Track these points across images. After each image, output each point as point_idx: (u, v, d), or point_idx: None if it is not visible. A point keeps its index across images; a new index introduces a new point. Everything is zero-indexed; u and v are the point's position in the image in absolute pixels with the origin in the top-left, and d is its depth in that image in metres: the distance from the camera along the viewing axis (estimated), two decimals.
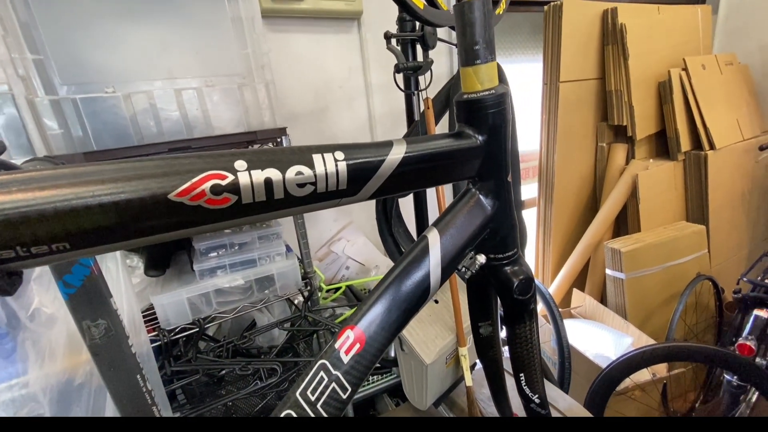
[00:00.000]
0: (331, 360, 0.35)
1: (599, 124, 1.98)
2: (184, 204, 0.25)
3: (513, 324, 0.47)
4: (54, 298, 0.68)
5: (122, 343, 0.54)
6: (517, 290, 0.45)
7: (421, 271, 0.38)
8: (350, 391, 0.35)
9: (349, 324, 0.36)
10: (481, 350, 0.59)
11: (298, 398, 0.34)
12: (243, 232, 0.89)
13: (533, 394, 0.51)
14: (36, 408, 0.72)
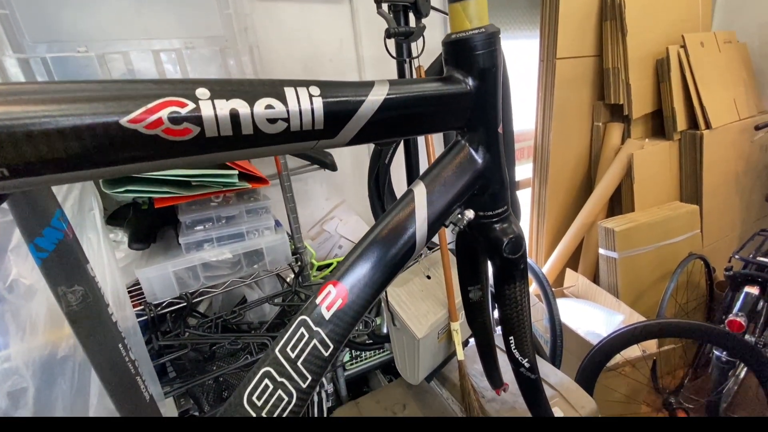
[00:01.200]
0: (312, 316, 0.33)
1: (595, 103, 1.95)
2: (139, 132, 0.23)
3: (502, 284, 0.46)
4: (32, 269, 0.66)
5: (101, 311, 0.52)
6: (507, 249, 0.43)
7: (406, 227, 0.36)
8: (332, 348, 0.34)
9: (330, 279, 0.34)
10: (471, 316, 0.58)
11: (277, 355, 0.33)
12: (230, 206, 0.87)
13: (523, 358, 0.51)
14: (19, 381, 0.71)
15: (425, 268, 1.07)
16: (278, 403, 0.33)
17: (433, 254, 1.11)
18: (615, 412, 1.50)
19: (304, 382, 0.33)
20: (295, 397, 0.33)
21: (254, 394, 0.32)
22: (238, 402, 0.33)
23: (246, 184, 0.81)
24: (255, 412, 0.32)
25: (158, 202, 0.73)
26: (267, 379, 0.33)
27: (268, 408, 0.33)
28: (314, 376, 0.33)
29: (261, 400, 0.32)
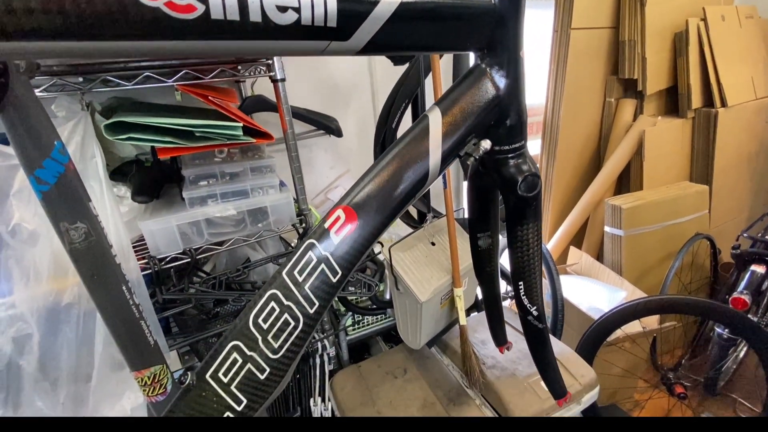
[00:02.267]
0: (320, 240, 0.32)
1: (608, 77, 1.90)
2: (140, 2, 0.21)
3: (515, 225, 0.45)
4: (35, 214, 0.66)
5: (105, 251, 0.52)
6: (523, 186, 0.42)
7: (420, 154, 0.35)
8: (340, 275, 0.33)
9: (340, 204, 0.33)
10: (479, 265, 0.57)
11: (285, 278, 0.32)
12: (234, 162, 0.86)
13: (531, 306, 0.50)
14: (24, 328, 0.71)
15: (430, 235, 1.07)
16: (284, 328, 0.32)
17: (438, 221, 1.10)
18: (613, 385, 1.51)
19: (311, 307, 0.32)
20: (302, 323, 0.32)
21: (260, 316, 0.32)
22: (244, 324, 0.32)
23: (250, 138, 0.79)
24: (261, 335, 0.32)
25: (161, 153, 0.72)
26: (273, 302, 0.32)
27: (274, 332, 0.32)
28: (322, 302, 0.33)
29: (267, 323, 0.32)
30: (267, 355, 0.32)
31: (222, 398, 0.32)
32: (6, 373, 0.70)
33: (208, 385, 0.31)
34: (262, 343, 0.32)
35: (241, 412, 0.32)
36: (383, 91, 1.49)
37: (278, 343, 0.32)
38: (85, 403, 0.75)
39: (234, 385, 0.32)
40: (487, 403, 1.04)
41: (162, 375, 0.62)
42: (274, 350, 0.32)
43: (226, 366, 0.31)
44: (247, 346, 0.32)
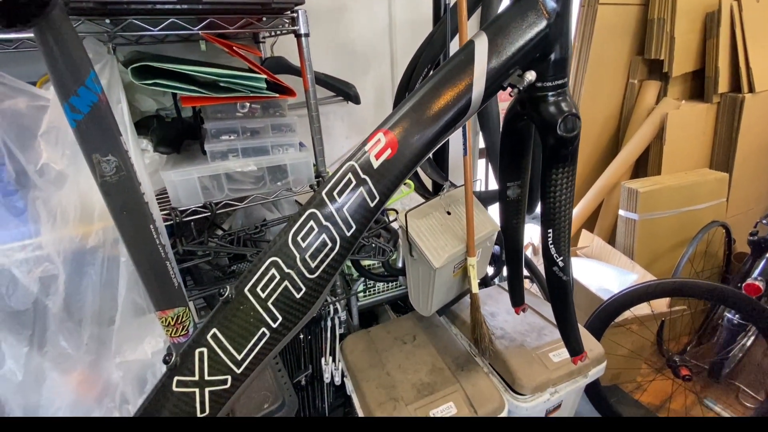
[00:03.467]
0: (360, 163, 0.32)
1: (633, 57, 1.85)
2: None
3: (551, 168, 0.44)
4: (62, 155, 0.66)
5: (134, 187, 0.52)
6: (562, 126, 0.41)
7: (463, 81, 0.34)
8: (378, 200, 0.33)
9: (381, 128, 0.33)
10: (505, 217, 0.57)
11: (324, 198, 0.32)
12: (256, 118, 0.85)
13: (558, 256, 0.50)
14: (50, 269, 0.73)
15: (446, 204, 1.06)
16: (321, 248, 0.32)
17: (454, 191, 1.09)
18: (617, 366, 1.52)
19: (348, 230, 0.33)
20: (338, 245, 0.33)
21: (299, 234, 0.32)
22: (284, 241, 0.32)
23: (273, 93, 0.79)
24: (299, 253, 0.32)
25: (185, 101, 0.72)
26: (313, 221, 0.32)
27: (312, 251, 0.32)
28: (358, 226, 0.33)
29: (305, 241, 0.32)
30: (304, 274, 0.32)
31: (259, 313, 0.32)
32: (32, 312, 0.73)
33: (246, 299, 0.32)
34: (300, 262, 0.32)
35: (275, 329, 0.33)
36: (403, 60, 1.46)
37: (315, 263, 0.32)
38: (108, 345, 0.77)
39: (271, 302, 0.32)
40: (494, 371, 1.06)
41: (184, 317, 0.64)
42: (311, 270, 0.32)
43: (264, 281, 0.32)
44: (285, 263, 0.32)
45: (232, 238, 0.90)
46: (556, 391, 1.02)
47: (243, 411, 0.67)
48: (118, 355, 0.76)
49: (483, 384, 0.99)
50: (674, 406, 1.60)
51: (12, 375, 0.72)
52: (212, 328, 0.32)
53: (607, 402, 1.44)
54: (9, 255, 0.69)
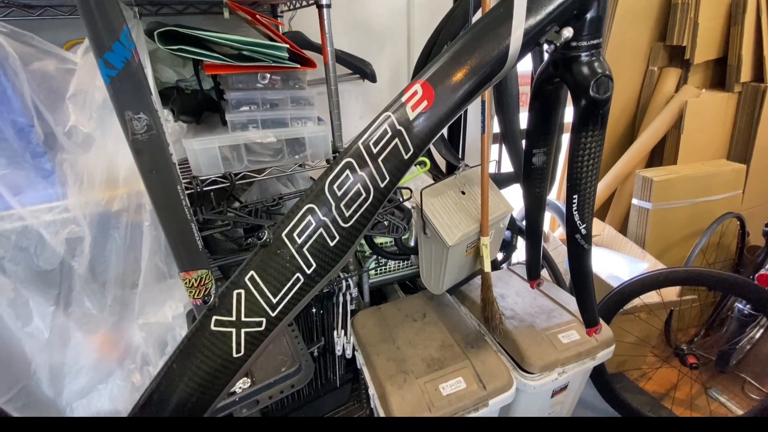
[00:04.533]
0: (396, 115, 0.33)
1: (654, 44, 1.81)
2: None
3: (581, 130, 0.44)
4: (90, 118, 0.68)
5: (163, 147, 0.53)
6: (595, 87, 0.41)
7: (500, 36, 0.34)
8: (412, 152, 0.33)
9: (418, 79, 0.33)
10: (529, 184, 0.57)
11: (360, 148, 0.33)
12: (276, 90, 0.86)
13: (581, 223, 0.50)
14: (77, 231, 0.75)
15: (461, 184, 1.06)
16: (356, 198, 0.33)
17: (469, 172, 1.09)
18: (623, 353, 1.53)
19: (382, 181, 0.33)
20: (372, 195, 0.33)
21: (335, 183, 0.33)
22: (320, 188, 0.33)
23: (294, 64, 0.79)
24: (334, 201, 0.33)
25: (208, 69, 0.72)
26: (348, 170, 0.33)
27: (346, 201, 0.33)
28: (392, 178, 0.33)
29: (341, 190, 0.33)
30: (338, 222, 0.33)
31: (295, 259, 0.33)
32: (59, 272, 0.75)
33: (284, 244, 0.33)
34: (335, 210, 0.33)
35: (309, 276, 0.34)
36: (420, 39, 1.45)
37: (349, 212, 0.33)
38: (130, 308, 0.79)
39: (306, 248, 0.33)
40: (503, 350, 1.07)
41: (207, 279, 0.65)
42: (345, 219, 0.33)
43: (300, 227, 0.33)
44: (321, 210, 0.33)
45: (250, 210, 0.91)
46: (564, 371, 1.03)
47: (261, 373, 0.69)
48: (140, 317, 0.78)
49: (492, 361, 1.01)
50: (679, 395, 1.61)
51: (39, 333, 0.75)
52: (250, 270, 0.33)
53: (612, 388, 1.46)
54: (37, 216, 0.71)
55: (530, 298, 1.21)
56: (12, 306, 0.71)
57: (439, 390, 0.93)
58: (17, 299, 0.72)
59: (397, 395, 0.92)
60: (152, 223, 0.76)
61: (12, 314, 0.71)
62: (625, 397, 1.47)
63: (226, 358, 0.34)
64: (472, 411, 0.93)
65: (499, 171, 1.64)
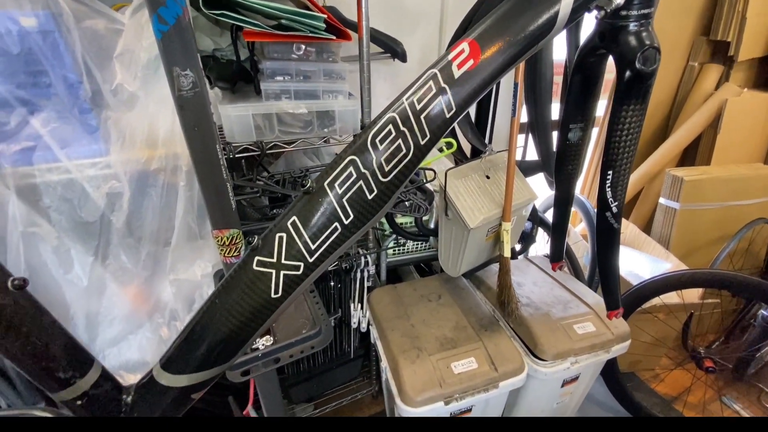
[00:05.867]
0: (442, 72, 0.33)
1: (697, 38, 1.74)
2: None
3: (622, 103, 0.44)
4: (135, 77, 0.70)
5: (206, 105, 0.55)
6: (641, 59, 0.41)
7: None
8: (454, 112, 0.34)
9: (466, 37, 0.34)
10: (561, 161, 0.57)
11: (404, 104, 0.34)
12: (309, 62, 0.87)
13: (613, 201, 0.50)
14: (117, 187, 0.78)
15: (486, 168, 1.06)
16: (396, 153, 0.34)
17: (495, 156, 1.09)
18: (638, 352, 1.52)
19: (423, 138, 0.34)
20: (411, 152, 0.35)
21: (378, 137, 0.34)
22: (363, 141, 0.34)
23: (330, 35, 0.80)
24: (376, 156, 0.34)
25: (247, 36, 0.74)
26: (391, 125, 0.34)
27: (387, 155, 0.34)
28: (432, 136, 0.34)
29: (382, 144, 0.34)
30: (378, 176, 0.34)
31: (334, 208, 0.35)
32: (99, 225, 0.79)
33: (325, 193, 0.34)
34: (375, 164, 0.34)
35: (346, 226, 0.36)
36: (453, 21, 1.44)
37: (388, 167, 0.34)
38: (162, 264, 0.83)
39: (345, 198, 0.34)
40: (517, 336, 1.08)
41: (238, 239, 0.68)
42: (384, 173, 0.34)
43: (342, 178, 0.34)
44: (363, 163, 0.34)
45: (277, 180, 0.93)
46: (576, 361, 1.03)
47: (283, 333, 0.72)
48: (171, 273, 0.82)
49: (505, 345, 1.02)
50: (691, 400, 1.59)
51: (78, 280, 0.79)
52: (292, 215, 0.35)
53: (622, 386, 1.45)
54: (81, 170, 0.75)
55: (547, 288, 1.21)
56: (56, 253, 0.76)
57: (451, 368, 0.95)
58: (60, 247, 0.76)
59: (410, 369, 0.94)
60: (187, 184, 0.79)
61: (55, 261, 0.76)
62: (636, 397, 1.46)
63: (264, 298, 0.36)
64: (482, 391, 0.94)
65: (524, 159, 1.62)
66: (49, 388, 0.36)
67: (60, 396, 0.36)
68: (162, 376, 0.39)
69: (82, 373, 0.37)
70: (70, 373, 0.36)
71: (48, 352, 0.34)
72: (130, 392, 0.41)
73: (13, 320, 0.32)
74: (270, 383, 0.83)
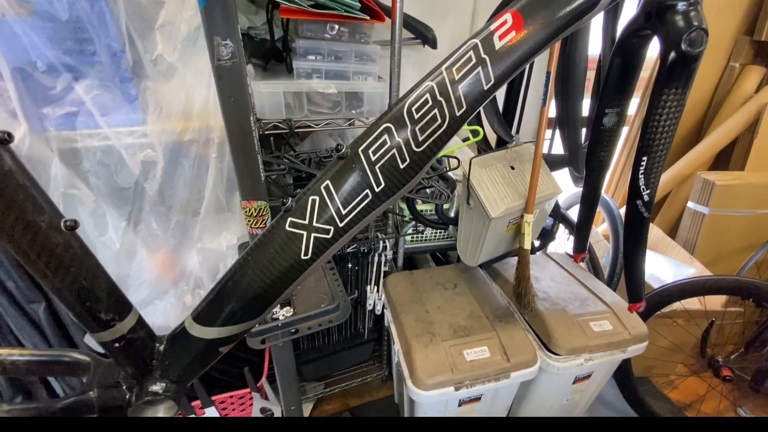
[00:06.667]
0: (483, 42, 0.34)
1: (739, 37, 1.66)
2: None
3: (664, 86, 0.43)
4: (174, 49, 0.72)
5: (243, 75, 0.57)
6: (688, 41, 0.40)
7: None
8: (492, 84, 0.34)
9: (510, 8, 0.34)
10: (594, 147, 0.56)
11: (443, 73, 0.34)
12: (342, 42, 0.88)
13: (645, 189, 0.49)
14: (152, 155, 0.81)
15: (511, 159, 1.05)
16: (431, 123, 0.35)
17: (521, 147, 1.08)
18: (654, 356, 1.49)
19: (459, 110, 0.35)
20: (446, 123, 0.35)
21: (414, 105, 0.35)
22: (399, 109, 0.35)
23: (365, 15, 0.80)
24: (411, 124, 0.35)
25: (284, 12, 0.75)
26: (428, 94, 0.34)
27: (422, 125, 0.35)
28: (468, 108, 0.35)
29: (418, 113, 0.35)
30: (411, 145, 0.35)
31: (367, 175, 0.36)
32: (133, 191, 0.82)
33: (359, 159, 0.35)
34: (410, 133, 0.35)
35: (377, 194, 0.36)
36: (485, 11, 1.42)
37: (423, 137, 0.35)
38: (190, 233, 0.86)
39: (378, 166, 0.35)
40: (531, 330, 1.08)
41: (265, 211, 0.70)
42: (418, 143, 0.35)
43: (376, 145, 0.35)
44: (398, 131, 0.35)
45: (303, 159, 0.95)
46: (591, 358, 1.02)
47: (303, 306, 0.74)
48: (198, 242, 0.85)
49: (519, 337, 1.02)
50: (705, 408, 1.56)
51: (111, 243, 0.83)
52: (326, 180, 0.36)
53: (635, 390, 1.43)
54: (120, 137, 0.78)
55: (565, 284, 1.20)
56: (92, 216, 0.79)
57: (463, 355, 0.96)
58: (97, 210, 0.80)
59: (422, 353, 0.95)
60: (218, 156, 0.81)
61: (91, 223, 0.80)
62: (648, 402, 1.44)
63: (295, 258, 0.37)
64: (493, 380, 0.95)
65: (550, 152, 1.59)
66: (90, 329, 0.38)
67: (100, 337, 0.39)
68: (193, 328, 0.41)
69: (122, 317, 0.39)
70: (111, 315, 0.38)
71: (92, 293, 0.37)
72: (162, 341, 0.43)
73: (63, 259, 0.34)
74: (286, 357, 0.86)
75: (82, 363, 0.42)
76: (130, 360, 0.41)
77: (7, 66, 0.66)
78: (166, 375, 0.42)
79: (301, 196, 0.37)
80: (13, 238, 0.31)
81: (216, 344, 0.41)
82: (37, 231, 0.32)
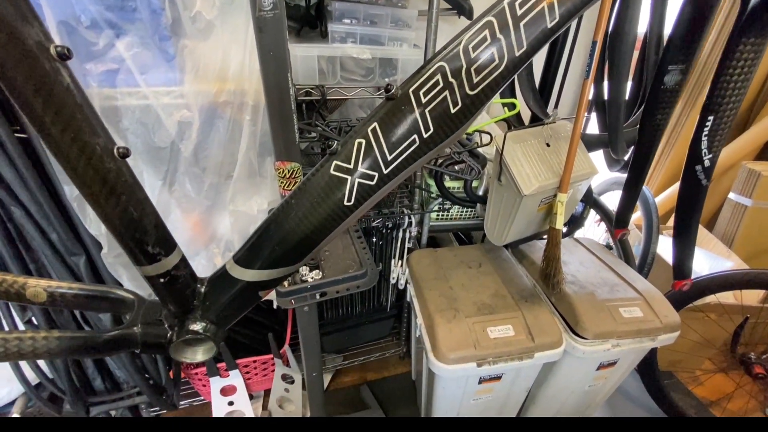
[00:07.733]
0: None
1: None
2: None
3: (741, 36, 0.40)
4: (213, 5, 0.72)
5: (283, 29, 0.56)
6: None
7: None
8: (556, 22, 0.32)
9: None
10: (651, 108, 0.53)
11: (505, 8, 0.32)
12: (378, 5, 0.85)
13: (708, 153, 0.46)
14: (188, 116, 0.82)
15: (547, 136, 1.02)
16: (488, 64, 0.33)
17: (557, 125, 1.04)
18: (682, 350, 1.44)
19: (519, 50, 0.33)
20: (504, 64, 0.33)
21: (471, 43, 0.33)
22: (455, 48, 0.33)
23: None
24: (467, 63, 0.33)
25: None
26: (487, 30, 0.32)
27: (477, 65, 0.33)
28: (528, 48, 0.33)
29: (475, 52, 0.33)
30: (465, 88, 0.34)
31: (416, 119, 0.34)
32: (169, 151, 0.84)
33: (409, 101, 0.34)
34: (464, 73, 0.33)
35: (425, 140, 0.35)
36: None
37: (477, 79, 0.33)
38: (223, 196, 0.88)
39: (428, 109, 0.34)
40: (557, 312, 1.05)
41: (298, 173, 0.70)
42: (472, 85, 0.33)
43: (427, 86, 0.34)
44: (452, 71, 0.33)
45: (334, 127, 0.94)
46: (618, 344, 1.00)
47: (331, 270, 0.74)
48: (231, 204, 0.86)
49: (545, 317, 1.00)
50: (731, 407, 1.51)
51: None
52: (373, 122, 0.35)
53: (659, 383, 1.39)
54: (157, 97, 0.79)
55: (594, 270, 1.17)
56: None
57: (487, 332, 0.95)
58: (135, 168, 0.81)
59: (445, 328, 0.95)
60: (252, 119, 0.81)
61: None
62: (672, 396, 1.40)
63: (337, 204, 0.37)
64: (516, 359, 0.94)
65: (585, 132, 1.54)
66: (138, 261, 0.39)
67: (146, 270, 0.39)
68: (234, 269, 0.41)
69: (167, 253, 0.40)
70: (158, 249, 0.39)
71: (141, 225, 0.37)
72: (203, 283, 0.44)
73: (115, 186, 0.35)
74: (311, 323, 0.87)
75: (127, 300, 0.43)
76: (172, 297, 0.41)
77: (53, 19, 0.67)
78: (207, 316, 0.42)
79: (347, 139, 0.36)
80: (70, 159, 0.32)
81: (255, 287, 0.42)
82: (92, 153, 0.32)
